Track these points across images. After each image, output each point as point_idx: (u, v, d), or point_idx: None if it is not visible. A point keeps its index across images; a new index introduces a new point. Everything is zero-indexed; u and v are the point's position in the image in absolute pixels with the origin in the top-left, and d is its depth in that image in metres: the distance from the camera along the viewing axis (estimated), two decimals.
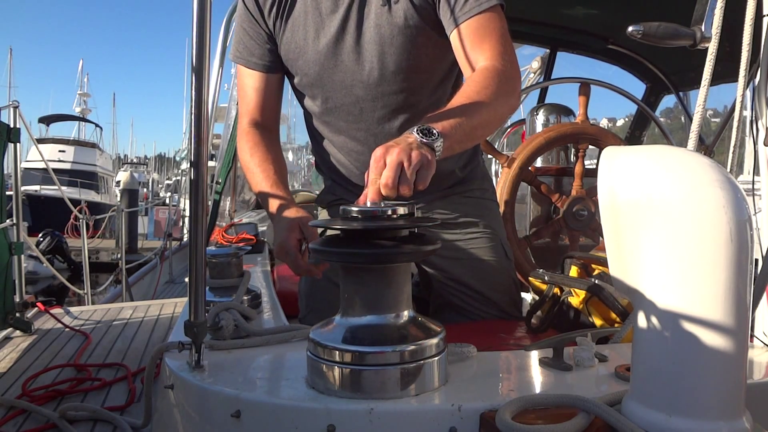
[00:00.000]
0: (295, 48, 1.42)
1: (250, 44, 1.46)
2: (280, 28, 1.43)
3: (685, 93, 2.90)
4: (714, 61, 1.03)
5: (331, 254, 0.84)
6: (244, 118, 1.51)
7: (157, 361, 1.08)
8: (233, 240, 2.30)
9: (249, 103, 1.50)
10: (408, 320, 0.83)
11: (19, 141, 3.36)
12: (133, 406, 2.12)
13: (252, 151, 1.44)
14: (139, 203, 15.87)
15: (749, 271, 0.63)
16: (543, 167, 2.44)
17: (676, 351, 0.63)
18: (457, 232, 1.58)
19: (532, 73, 3.76)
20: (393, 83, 1.39)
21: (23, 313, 3.21)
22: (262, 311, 1.30)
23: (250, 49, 1.46)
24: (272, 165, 1.42)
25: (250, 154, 1.44)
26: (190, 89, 0.86)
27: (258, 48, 1.45)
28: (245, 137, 1.47)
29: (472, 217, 1.60)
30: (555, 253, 2.29)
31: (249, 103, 1.50)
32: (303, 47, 1.41)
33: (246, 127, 1.48)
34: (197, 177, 0.88)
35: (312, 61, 1.41)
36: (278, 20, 1.42)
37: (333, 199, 1.64)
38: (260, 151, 1.44)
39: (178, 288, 6.72)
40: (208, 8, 0.84)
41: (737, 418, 0.64)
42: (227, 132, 2.24)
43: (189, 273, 0.90)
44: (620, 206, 0.69)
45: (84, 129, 32.67)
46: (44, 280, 11.10)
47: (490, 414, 0.73)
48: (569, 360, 0.91)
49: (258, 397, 0.82)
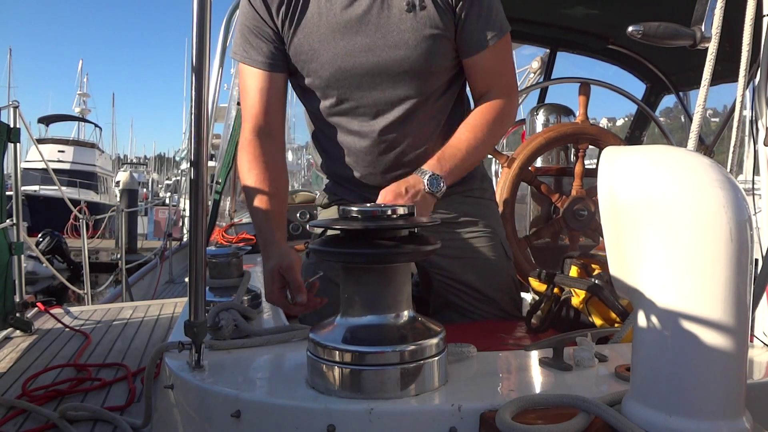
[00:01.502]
0: (308, 49, 1.40)
1: (256, 43, 1.42)
2: (289, 29, 1.40)
3: (685, 93, 2.90)
4: (714, 61, 1.03)
5: (331, 254, 0.84)
6: (247, 123, 1.44)
7: (157, 361, 1.08)
8: (233, 240, 2.30)
9: (253, 106, 1.44)
10: (408, 320, 0.83)
11: (19, 141, 3.36)
12: (133, 406, 2.11)
13: (251, 165, 1.38)
14: (138, 203, 15.87)
15: (749, 271, 0.63)
16: (543, 167, 2.43)
17: (676, 351, 0.63)
18: (457, 231, 1.59)
19: (532, 73, 3.76)
20: (410, 88, 1.42)
21: (23, 313, 3.21)
22: (262, 311, 1.30)
23: (255, 48, 1.42)
24: (269, 187, 1.35)
25: (248, 168, 1.38)
26: (190, 89, 0.86)
27: (264, 47, 1.42)
28: (246, 148, 1.40)
29: (472, 216, 1.61)
30: (555, 253, 2.29)
31: (253, 105, 1.44)
32: (318, 48, 1.39)
33: (249, 136, 1.42)
34: (197, 177, 0.88)
35: (328, 62, 1.39)
36: (287, 20, 1.39)
37: (335, 199, 1.64)
38: (258, 167, 1.37)
39: (178, 288, 6.72)
40: (208, 8, 0.84)
41: (737, 418, 0.64)
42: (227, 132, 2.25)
43: (189, 273, 0.90)
44: (620, 206, 0.69)
45: (83, 129, 32.66)
46: (44, 280, 11.09)
47: (490, 414, 0.73)
48: (569, 360, 0.91)
49: (258, 397, 0.82)
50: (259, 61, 1.43)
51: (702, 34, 1.03)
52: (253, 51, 1.43)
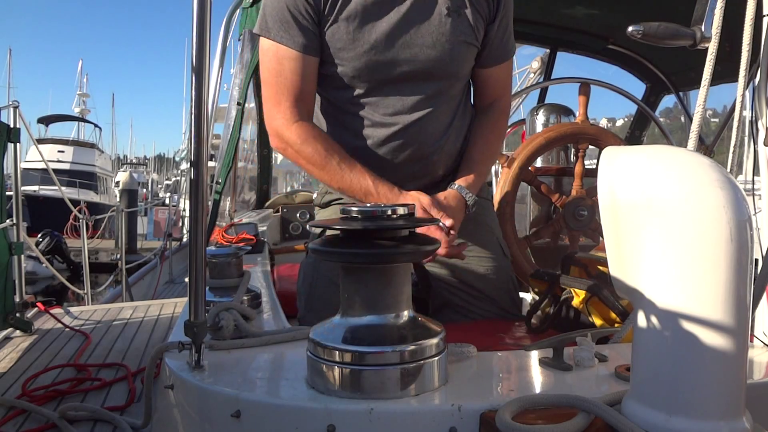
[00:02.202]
0: (346, 36, 1.39)
1: (298, 24, 1.38)
2: (330, 14, 1.39)
3: (685, 93, 2.90)
4: (714, 61, 1.03)
5: (331, 254, 0.84)
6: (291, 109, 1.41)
7: (157, 361, 1.08)
8: (233, 240, 2.30)
9: (293, 89, 1.41)
10: (408, 320, 0.83)
11: (20, 141, 3.36)
12: (133, 406, 2.12)
13: (326, 150, 1.39)
14: (138, 203, 15.86)
15: (749, 271, 0.63)
16: (543, 167, 2.43)
17: (676, 351, 0.63)
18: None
19: (532, 73, 3.76)
20: (435, 89, 1.47)
21: (23, 313, 3.21)
22: (262, 311, 1.29)
23: (298, 30, 1.38)
24: (352, 160, 1.40)
25: (324, 155, 1.39)
26: (190, 89, 0.86)
27: (307, 29, 1.39)
28: (311, 135, 1.40)
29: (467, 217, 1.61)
30: (555, 253, 2.29)
31: (294, 87, 1.41)
32: (356, 37, 1.39)
33: (295, 118, 1.41)
34: (197, 177, 0.88)
35: (364, 52, 1.40)
36: (329, 4, 1.38)
37: (332, 199, 1.64)
38: (332, 147, 1.40)
39: (178, 288, 6.72)
40: (208, 8, 0.84)
41: (737, 418, 0.64)
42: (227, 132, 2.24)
43: (189, 273, 0.90)
44: (620, 206, 0.69)
45: (83, 129, 32.64)
46: (43, 281, 11.10)
47: (490, 414, 0.73)
48: (569, 360, 0.91)
49: (258, 397, 0.82)
50: (300, 43, 1.40)
51: (702, 34, 1.03)
52: (295, 32, 1.39)
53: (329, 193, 1.65)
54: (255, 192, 4.30)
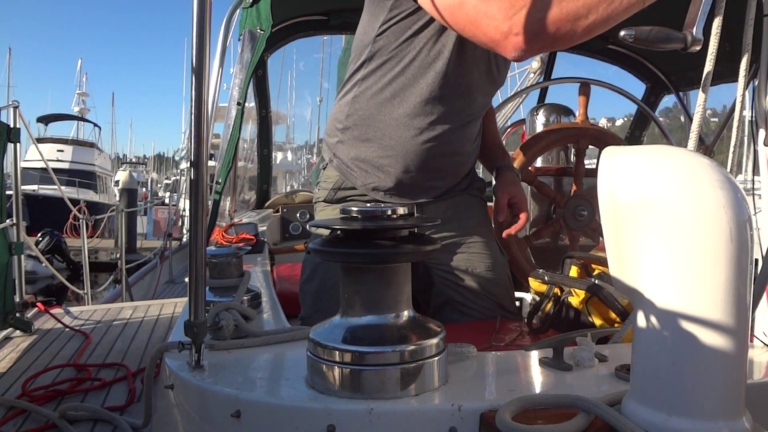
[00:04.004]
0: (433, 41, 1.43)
1: None
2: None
3: (685, 93, 2.90)
4: (714, 61, 1.03)
5: (331, 254, 0.84)
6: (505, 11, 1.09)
7: (157, 361, 1.08)
8: (233, 240, 2.30)
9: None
10: (408, 320, 0.83)
11: (19, 141, 3.35)
12: (133, 406, 2.12)
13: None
14: (138, 203, 15.85)
15: (749, 271, 0.63)
16: (543, 167, 2.43)
17: (676, 351, 0.63)
18: (454, 228, 1.61)
19: (532, 73, 3.75)
20: (486, 103, 1.61)
21: (23, 313, 3.21)
22: (262, 311, 1.30)
23: None
24: None
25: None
26: (190, 89, 0.86)
27: None
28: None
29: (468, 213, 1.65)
30: (555, 253, 2.29)
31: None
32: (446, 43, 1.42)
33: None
34: (197, 177, 0.88)
35: (449, 60, 1.42)
36: None
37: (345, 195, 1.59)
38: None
39: (178, 288, 6.72)
40: (208, 8, 0.84)
41: (737, 418, 0.64)
42: (227, 132, 2.24)
43: (189, 273, 0.90)
44: (620, 206, 0.69)
45: (82, 128, 32.59)
46: (43, 280, 11.09)
47: (490, 414, 0.73)
48: (569, 360, 0.91)
49: (258, 397, 0.82)
50: None
51: (693, 37, 1.02)
52: None
53: (342, 189, 1.61)
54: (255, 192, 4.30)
